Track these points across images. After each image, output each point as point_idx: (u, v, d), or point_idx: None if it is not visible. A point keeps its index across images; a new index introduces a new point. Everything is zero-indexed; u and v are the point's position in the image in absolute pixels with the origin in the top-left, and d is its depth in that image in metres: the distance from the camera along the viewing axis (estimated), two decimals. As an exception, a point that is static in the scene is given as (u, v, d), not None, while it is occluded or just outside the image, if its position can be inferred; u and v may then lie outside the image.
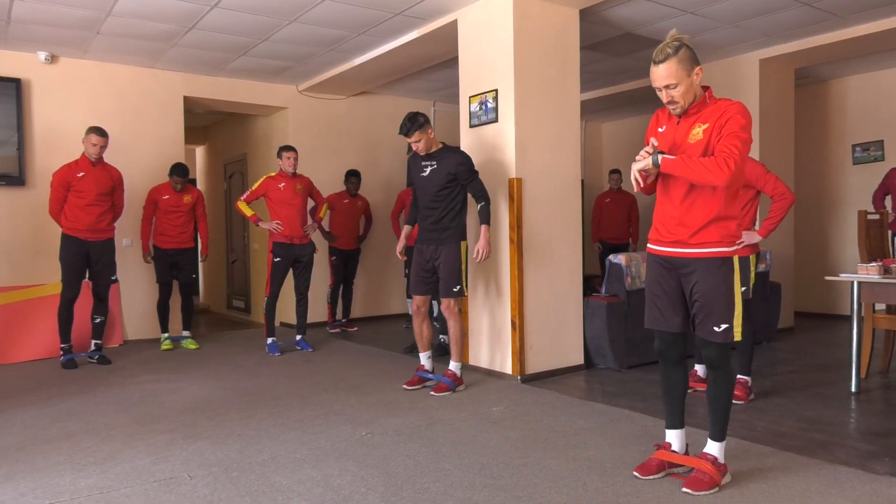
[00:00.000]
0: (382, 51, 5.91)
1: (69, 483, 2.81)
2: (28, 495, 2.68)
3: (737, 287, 2.61)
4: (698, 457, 2.70)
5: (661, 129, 2.70)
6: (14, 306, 5.69)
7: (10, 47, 5.76)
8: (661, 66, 2.51)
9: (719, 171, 2.43)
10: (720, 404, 2.67)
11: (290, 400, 4.17)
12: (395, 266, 7.98)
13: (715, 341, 2.61)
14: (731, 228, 2.60)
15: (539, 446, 3.20)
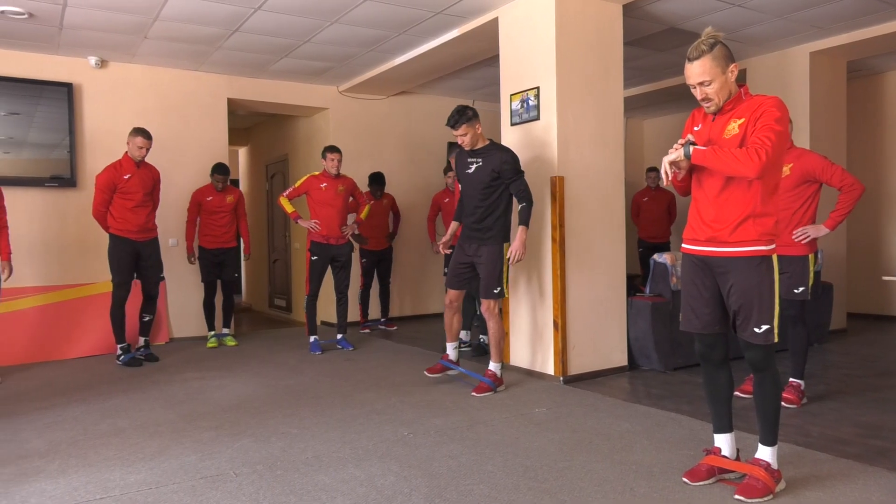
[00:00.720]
0: (422, 50, 5.90)
1: (119, 478, 2.86)
2: (80, 490, 2.74)
3: (776, 287, 2.52)
4: (750, 463, 2.61)
5: (697, 128, 2.66)
6: (65, 304, 5.85)
7: (63, 53, 5.93)
8: (696, 63, 2.46)
9: (750, 162, 2.35)
10: (768, 407, 2.58)
11: (332, 398, 4.19)
12: (434, 265, 7.97)
13: (756, 343, 2.53)
14: (768, 225, 2.51)
15: (583, 449, 3.15)
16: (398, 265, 7.59)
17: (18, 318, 5.54)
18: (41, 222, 5.88)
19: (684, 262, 2.70)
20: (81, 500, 2.64)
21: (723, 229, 2.52)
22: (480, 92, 7.80)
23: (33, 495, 2.69)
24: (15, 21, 5.04)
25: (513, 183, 4.18)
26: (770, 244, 2.51)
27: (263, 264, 9.44)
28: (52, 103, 5.98)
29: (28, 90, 5.89)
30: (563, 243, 4.54)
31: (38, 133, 5.95)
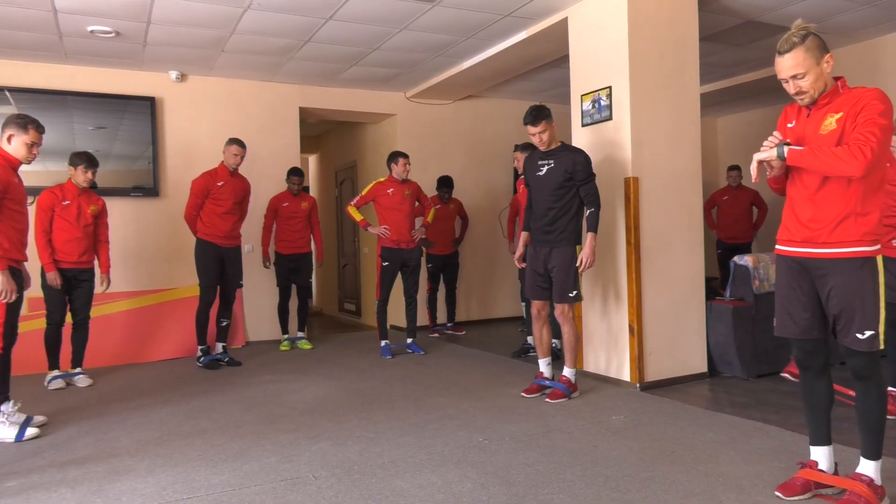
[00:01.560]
0: (490, 53, 5.88)
1: (204, 479, 2.95)
2: (168, 489, 2.84)
3: (881, 290, 2.36)
4: (851, 478, 2.46)
5: (791, 125, 2.52)
6: (150, 309, 6.11)
7: (146, 68, 6.21)
8: (787, 56, 2.34)
9: (853, 161, 2.21)
10: (872, 418, 2.42)
11: (405, 403, 4.21)
12: (502, 269, 7.92)
13: (859, 350, 2.37)
14: (870, 224, 2.35)
15: (666, 459, 3.04)
16: (465, 269, 7.58)
17: (108, 322, 5.80)
18: (127, 230, 6.15)
19: (779, 265, 2.57)
20: (170, 500, 2.72)
21: (821, 229, 2.38)
22: (547, 94, 7.71)
23: (125, 493, 2.80)
24: (103, 40, 5.30)
25: (583, 185, 4.09)
26: (874, 244, 2.36)
27: (333, 269, 9.61)
28: (136, 117, 6.26)
29: (113, 105, 6.19)
30: (639, 246, 4.42)
31: (122, 145, 6.24)
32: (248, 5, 4.66)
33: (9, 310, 3.55)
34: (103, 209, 5.04)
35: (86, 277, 4.89)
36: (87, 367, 5.15)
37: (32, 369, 5.14)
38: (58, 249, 4.72)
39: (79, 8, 4.63)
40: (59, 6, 4.58)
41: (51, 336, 4.85)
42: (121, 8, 4.65)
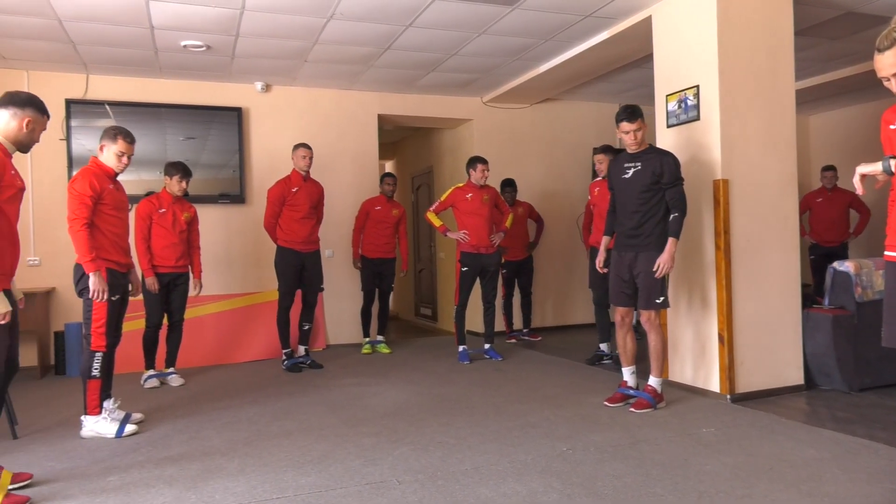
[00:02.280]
0: (569, 55, 5.79)
1: (292, 479, 3.00)
2: (258, 489, 2.91)
3: None
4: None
5: (893, 127, 2.34)
6: (236, 312, 6.33)
7: (234, 80, 6.45)
8: (887, 54, 2.21)
9: None
10: None
11: (486, 409, 4.17)
12: (578, 274, 7.77)
13: None
14: None
15: (764, 476, 2.88)
16: (540, 275, 7.47)
17: (199, 325, 6.05)
18: (215, 235, 6.39)
19: (888, 271, 2.39)
20: (260, 499, 2.79)
21: None
22: (628, 95, 7.54)
23: (218, 491, 2.89)
24: (195, 54, 5.54)
25: (670, 189, 3.95)
26: None
27: (410, 274, 9.69)
28: (223, 127, 6.52)
29: (203, 116, 6.46)
30: (729, 251, 4.23)
31: (210, 155, 6.50)
32: (332, 15, 4.77)
33: (110, 311, 3.74)
34: (195, 216, 5.26)
35: (181, 281, 5.13)
36: (178, 367, 5.38)
37: (129, 368, 5.41)
38: (156, 255, 4.97)
39: (174, 24, 4.86)
40: (155, 23, 4.82)
41: (149, 338, 5.10)
42: (212, 22, 4.85)
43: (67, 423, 4.06)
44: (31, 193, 5.97)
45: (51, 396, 4.91)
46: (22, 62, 5.72)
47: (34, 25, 4.81)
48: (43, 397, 4.88)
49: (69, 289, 5.77)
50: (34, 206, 5.98)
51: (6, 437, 3.76)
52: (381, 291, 6.49)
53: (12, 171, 2.82)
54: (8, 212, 2.79)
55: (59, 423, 4.10)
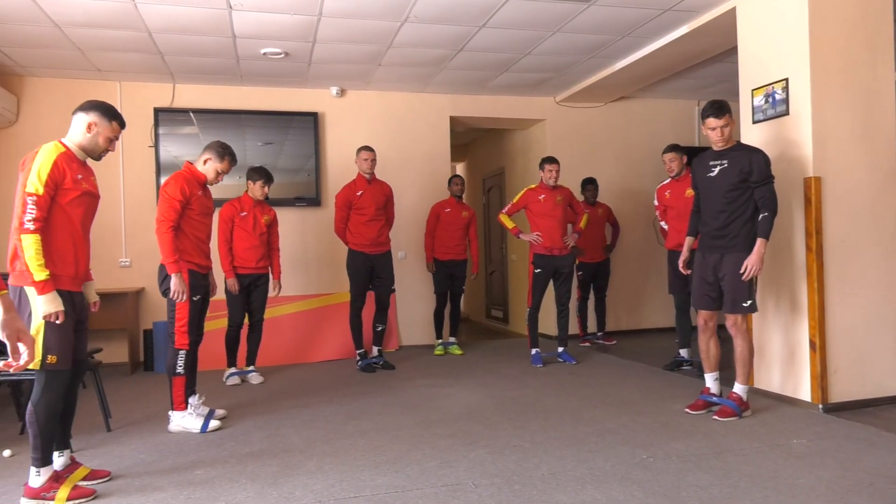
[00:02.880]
0: (646, 52, 5.64)
1: (368, 479, 3.03)
2: (336, 487, 2.94)
3: None
4: None
5: None
6: (311, 312, 6.47)
7: (310, 86, 6.61)
8: None
9: None
10: None
11: (561, 414, 4.10)
12: (654, 276, 7.55)
13: None
14: None
15: (864, 493, 2.70)
16: (615, 277, 7.30)
17: (277, 324, 6.22)
18: (291, 238, 6.56)
19: None
20: (338, 497, 2.82)
21: None
22: (707, 91, 7.28)
23: (298, 488, 2.94)
24: (274, 61, 5.71)
25: (760, 187, 3.76)
26: None
27: (481, 275, 9.65)
28: (300, 132, 6.68)
29: (280, 121, 6.64)
30: (822, 252, 4.00)
31: (286, 159, 6.67)
32: (406, 18, 4.80)
33: (192, 311, 3.89)
34: (275, 219, 5.41)
35: (261, 282, 5.29)
36: (258, 365, 5.54)
37: (213, 365, 5.61)
38: (237, 256, 5.14)
39: (255, 33, 5.01)
40: (237, 32, 4.99)
41: (231, 336, 5.28)
42: (291, 29, 4.97)
43: (156, 417, 4.25)
44: (123, 198, 6.29)
45: (140, 391, 5.15)
46: (115, 73, 6.04)
47: (127, 38, 5.07)
48: (133, 392, 5.13)
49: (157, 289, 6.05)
50: (125, 210, 6.30)
51: (101, 430, 3.97)
52: (453, 293, 6.50)
53: (78, 175, 2.88)
54: (72, 215, 2.87)
55: (149, 416, 4.29)
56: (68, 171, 2.82)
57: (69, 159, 2.87)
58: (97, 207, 3.07)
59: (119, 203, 6.29)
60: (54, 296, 2.75)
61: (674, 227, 5.28)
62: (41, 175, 2.73)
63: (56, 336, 2.79)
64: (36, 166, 2.75)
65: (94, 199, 3.03)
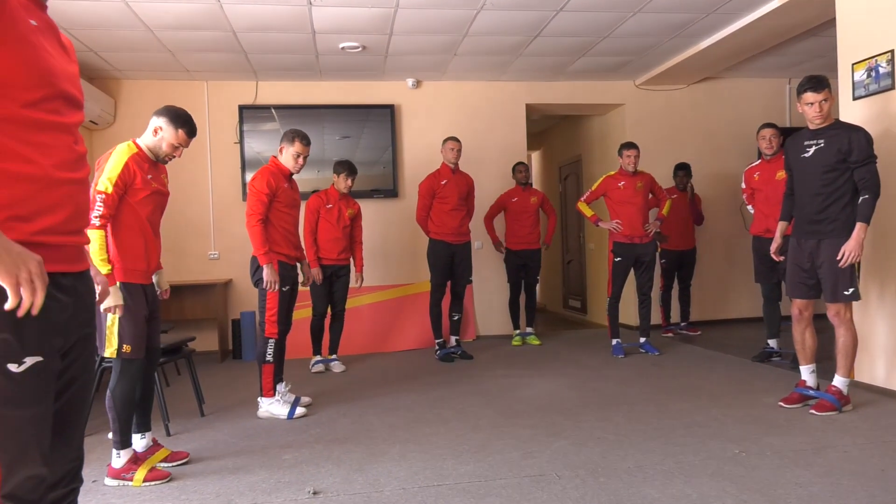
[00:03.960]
0: (733, 29, 5.37)
1: (451, 468, 3.04)
2: (419, 475, 2.97)
3: None
4: None
5: None
6: (390, 302, 6.56)
7: (386, 78, 6.68)
8: None
9: None
10: None
11: (646, 405, 3.99)
12: (740, 264, 7.21)
13: None
14: None
15: None
16: (700, 265, 7.04)
17: (359, 314, 6.33)
18: (371, 229, 6.64)
19: None
20: (421, 485, 2.85)
21: None
22: (799, 68, 6.88)
23: (382, 475, 2.99)
24: (351, 55, 5.79)
25: (860, 167, 3.52)
26: None
27: (557, 265, 9.55)
28: (376, 125, 6.76)
29: (357, 115, 6.74)
30: (932, 237, 3.72)
31: (363, 152, 6.76)
32: (482, 6, 4.76)
33: (282, 301, 4.01)
34: (359, 212, 5.51)
35: (343, 273, 5.40)
36: (340, 354, 5.66)
37: (298, 354, 5.78)
38: (321, 248, 5.26)
39: (333, 27, 5.10)
40: (317, 27, 5.09)
41: (315, 325, 5.43)
42: (368, 23, 5.03)
43: (245, 403, 4.41)
44: (211, 193, 6.56)
45: (230, 378, 5.37)
46: (202, 73, 6.29)
47: (213, 38, 5.26)
48: (224, 379, 5.35)
49: (244, 280, 6.26)
50: (213, 204, 6.56)
51: (195, 415, 4.15)
52: (527, 283, 6.44)
53: (148, 175, 2.99)
54: (141, 212, 2.97)
55: (239, 402, 4.47)
56: (138, 172, 2.94)
57: (140, 160, 2.99)
58: (166, 205, 3.17)
59: (207, 198, 6.56)
60: (115, 289, 2.86)
61: (760, 212, 5.04)
62: (111, 175, 2.87)
63: (130, 327, 2.94)
64: (108, 166, 2.89)
65: (164, 198, 3.14)
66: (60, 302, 1.39)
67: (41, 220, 1.35)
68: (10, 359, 1.28)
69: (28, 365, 1.30)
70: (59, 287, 1.39)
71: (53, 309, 1.36)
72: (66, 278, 1.43)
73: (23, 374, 1.30)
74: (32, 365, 1.31)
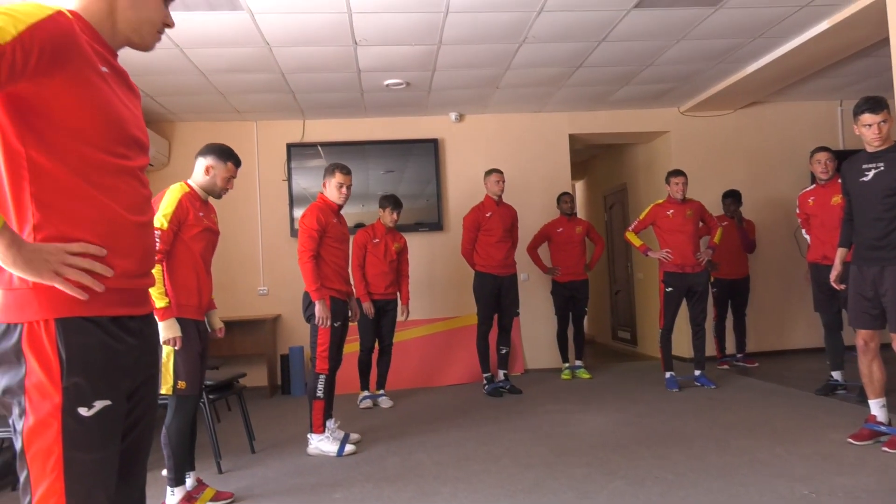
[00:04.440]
0: (781, 53, 5.27)
1: (505, 508, 2.97)
2: (472, 515, 2.90)
3: None
4: None
5: None
6: (437, 336, 6.53)
7: (429, 113, 6.75)
8: None
9: None
10: None
11: (705, 442, 3.84)
12: (797, 292, 6.97)
13: None
14: None
15: None
16: (755, 293, 6.82)
17: (406, 348, 6.31)
18: (416, 262, 6.63)
19: None
20: (475, 526, 2.78)
21: None
22: (851, 90, 6.71)
23: (434, 515, 2.93)
24: (395, 92, 5.89)
25: (925, 191, 3.38)
26: None
27: (605, 296, 9.39)
28: (420, 158, 6.83)
29: (401, 149, 6.82)
30: None
31: (406, 185, 6.82)
32: (524, 40, 4.79)
33: (333, 336, 4.03)
34: (405, 246, 5.54)
35: (390, 307, 5.41)
36: (387, 388, 5.64)
37: (346, 389, 5.77)
38: (368, 282, 5.28)
39: (378, 66, 5.20)
40: (362, 66, 5.19)
41: (363, 360, 5.43)
42: (412, 60, 5.11)
43: (295, 439, 4.41)
44: (260, 230, 6.68)
45: (279, 414, 5.39)
46: (252, 114, 6.47)
47: (262, 80, 5.42)
48: (273, 415, 5.37)
49: (293, 315, 6.36)
50: (263, 241, 6.68)
51: (246, 452, 4.17)
52: (575, 315, 6.33)
53: (200, 213, 3.11)
54: (194, 249, 3.07)
55: (288, 439, 4.47)
56: (191, 209, 3.07)
57: (192, 198, 3.12)
58: (217, 243, 3.28)
59: (257, 234, 6.69)
60: (173, 322, 2.95)
61: (816, 238, 4.87)
62: (166, 212, 2.99)
63: (185, 363, 3.01)
64: (163, 204, 3.01)
65: (215, 235, 3.24)
66: (128, 344, 1.41)
67: (117, 263, 1.37)
68: (81, 402, 1.30)
69: (97, 409, 1.32)
70: (127, 330, 1.41)
71: (121, 352, 1.39)
72: (134, 321, 1.45)
73: (92, 417, 1.32)
74: (102, 409, 1.33)
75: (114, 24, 1.43)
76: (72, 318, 1.30)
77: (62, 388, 1.28)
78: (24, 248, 1.22)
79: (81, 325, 1.31)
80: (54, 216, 1.30)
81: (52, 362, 1.28)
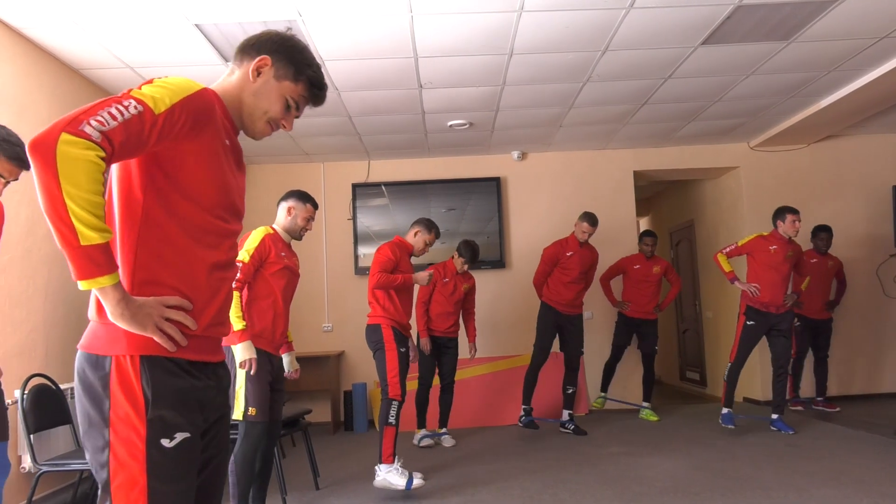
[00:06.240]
0: (858, 85, 5.10)
1: (572, 554, 2.87)
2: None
3: None
4: None
5: None
6: (500, 374, 6.46)
7: (492, 152, 6.82)
8: None
9: None
10: None
11: (785, 492, 3.64)
12: (883, 332, 6.60)
13: None
14: None
15: None
16: (838, 334, 6.49)
17: (468, 386, 6.27)
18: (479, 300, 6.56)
19: None
20: (542, 572, 2.70)
21: None
22: (935, 121, 6.41)
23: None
24: (459, 132, 5.98)
25: None
26: None
27: (672, 335, 9.11)
28: (482, 196, 6.87)
29: (463, 188, 6.88)
30: None
31: (468, 223, 6.86)
32: (588, 78, 4.81)
33: (401, 361, 4.12)
34: (474, 286, 5.56)
35: (451, 345, 5.41)
36: (449, 427, 5.59)
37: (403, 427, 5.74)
38: (432, 319, 5.32)
39: (442, 108, 5.31)
40: (426, 108, 5.31)
41: (421, 396, 5.42)
42: (476, 101, 5.20)
43: (359, 476, 4.42)
44: (326, 268, 6.83)
45: (343, 450, 5.42)
46: (319, 156, 6.68)
47: (330, 123, 5.61)
48: (337, 451, 5.41)
49: (357, 351, 6.43)
50: (328, 278, 6.82)
51: (311, 488, 4.20)
52: (645, 354, 6.17)
53: (282, 252, 3.35)
54: (274, 286, 3.29)
55: (352, 476, 4.48)
56: (273, 248, 3.31)
57: (275, 239, 3.37)
58: (297, 284, 3.49)
59: (322, 272, 6.84)
60: (249, 344, 3.13)
61: None
62: (249, 248, 3.24)
63: (255, 391, 3.16)
64: (248, 242, 3.27)
65: (295, 276, 3.46)
66: (203, 382, 1.49)
67: (201, 315, 1.48)
68: (164, 434, 1.37)
69: (178, 440, 1.39)
70: (203, 371, 1.50)
71: (198, 388, 1.47)
72: (209, 366, 1.54)
73: (174, 449, 1.38)
74: (182, 440, 1.40)
75: (240, 105, 1.60)
76: (156, 356, 1.39)
77: (146, 421, 1.35)
78: (131, 304, 1.33)
79: (163, 363, 1.40)
80: (154, 262, 1.42)
81: (138, 395, 1.36)
